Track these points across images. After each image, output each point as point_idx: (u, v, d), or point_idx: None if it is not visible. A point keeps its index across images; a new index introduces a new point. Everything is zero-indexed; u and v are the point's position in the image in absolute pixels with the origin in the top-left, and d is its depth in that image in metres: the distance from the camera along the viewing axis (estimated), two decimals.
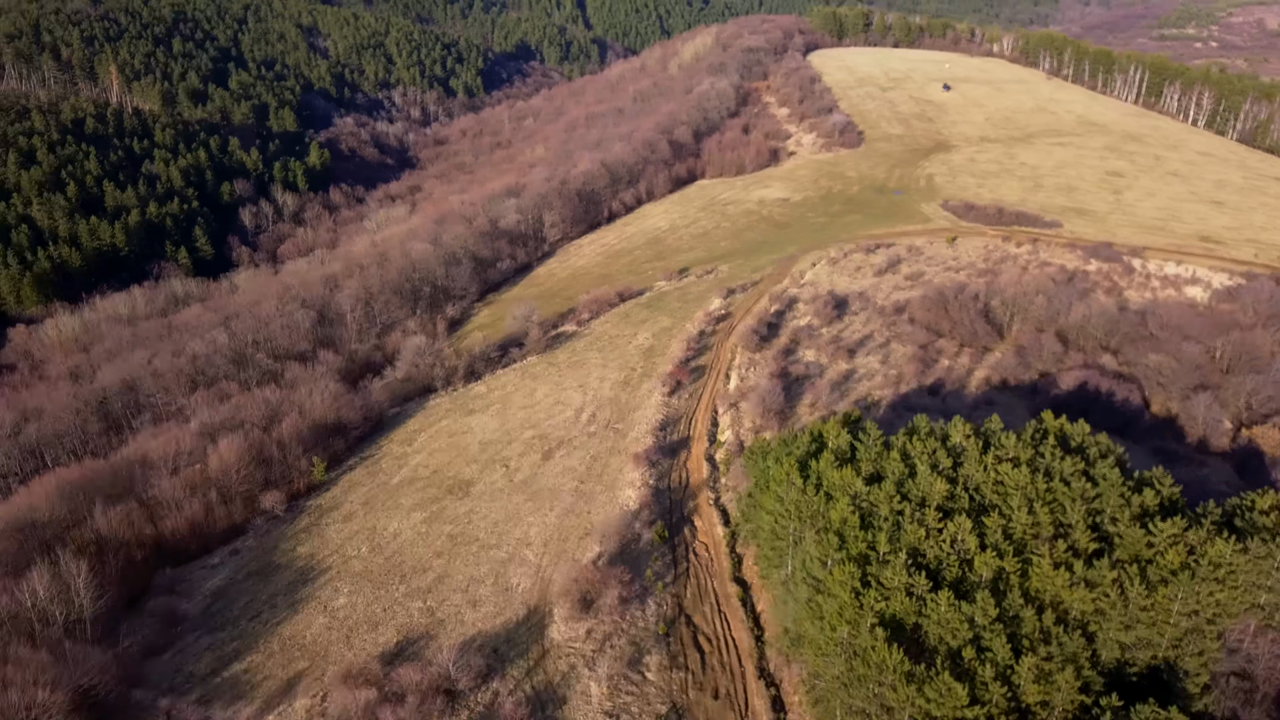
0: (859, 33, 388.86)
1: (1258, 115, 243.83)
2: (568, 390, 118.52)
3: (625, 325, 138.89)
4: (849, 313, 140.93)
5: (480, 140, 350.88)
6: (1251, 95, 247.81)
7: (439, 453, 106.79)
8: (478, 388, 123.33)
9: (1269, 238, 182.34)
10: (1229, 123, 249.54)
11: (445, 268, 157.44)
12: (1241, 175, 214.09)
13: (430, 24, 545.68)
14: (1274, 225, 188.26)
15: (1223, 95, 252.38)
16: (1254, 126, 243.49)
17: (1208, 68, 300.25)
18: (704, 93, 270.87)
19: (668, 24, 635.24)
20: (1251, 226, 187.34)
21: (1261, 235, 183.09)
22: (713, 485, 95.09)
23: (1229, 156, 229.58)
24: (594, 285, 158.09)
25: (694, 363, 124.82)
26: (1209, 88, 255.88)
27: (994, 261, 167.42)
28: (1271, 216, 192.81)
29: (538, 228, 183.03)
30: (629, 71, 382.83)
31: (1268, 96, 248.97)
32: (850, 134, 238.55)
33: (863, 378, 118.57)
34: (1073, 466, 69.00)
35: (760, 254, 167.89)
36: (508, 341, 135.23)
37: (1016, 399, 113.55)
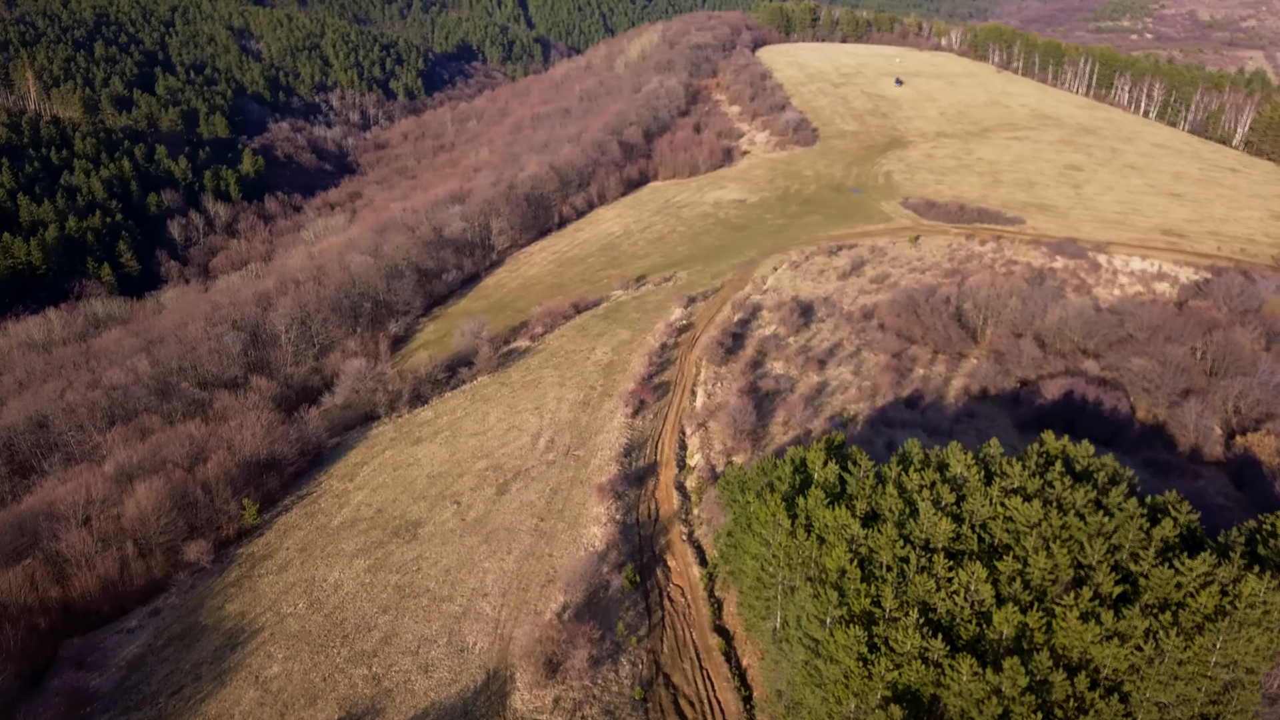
0: (807, 28, 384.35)
1: (1208, 106, 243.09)
2: (523, 413, 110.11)
3: (582, 339, 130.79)
4: (815, 320, 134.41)
5: (422, 143, 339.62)
6: (1202, 86, 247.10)
7: (383, 489, 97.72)
8: (424, 413, 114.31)
9: (1229, 230, 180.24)
10: (1180, 114, 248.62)
11: (387, 281, 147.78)
12: (1197, 167, 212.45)
13: (368, 24, 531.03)
14: (1233, 217, 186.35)
15: (1173, 86, 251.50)
16: (1205, 117, 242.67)
17: (1156, 59, 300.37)
18: (653, 91, 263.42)
19: (611, 22, 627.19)
20: (1211, 219, 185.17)
21: (1222, 227, 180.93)
22: (685, 518, 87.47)
23: (1183, 148, 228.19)
24: (547, 296, 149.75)
25: (657, 379, 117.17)
26: (1159, 79, 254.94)
27: (959, 261, 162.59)
28: (1230, 208, 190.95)
29: (485, 235, 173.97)
30: (574, 70, 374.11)
31: (1217, 87, 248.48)
32: (804, 131, 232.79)
33: (836, 390, 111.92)
34: (1085, 497, 62.60)
35: (719, 259, 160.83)
36: (456, 360, 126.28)
37: (998, 409, 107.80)
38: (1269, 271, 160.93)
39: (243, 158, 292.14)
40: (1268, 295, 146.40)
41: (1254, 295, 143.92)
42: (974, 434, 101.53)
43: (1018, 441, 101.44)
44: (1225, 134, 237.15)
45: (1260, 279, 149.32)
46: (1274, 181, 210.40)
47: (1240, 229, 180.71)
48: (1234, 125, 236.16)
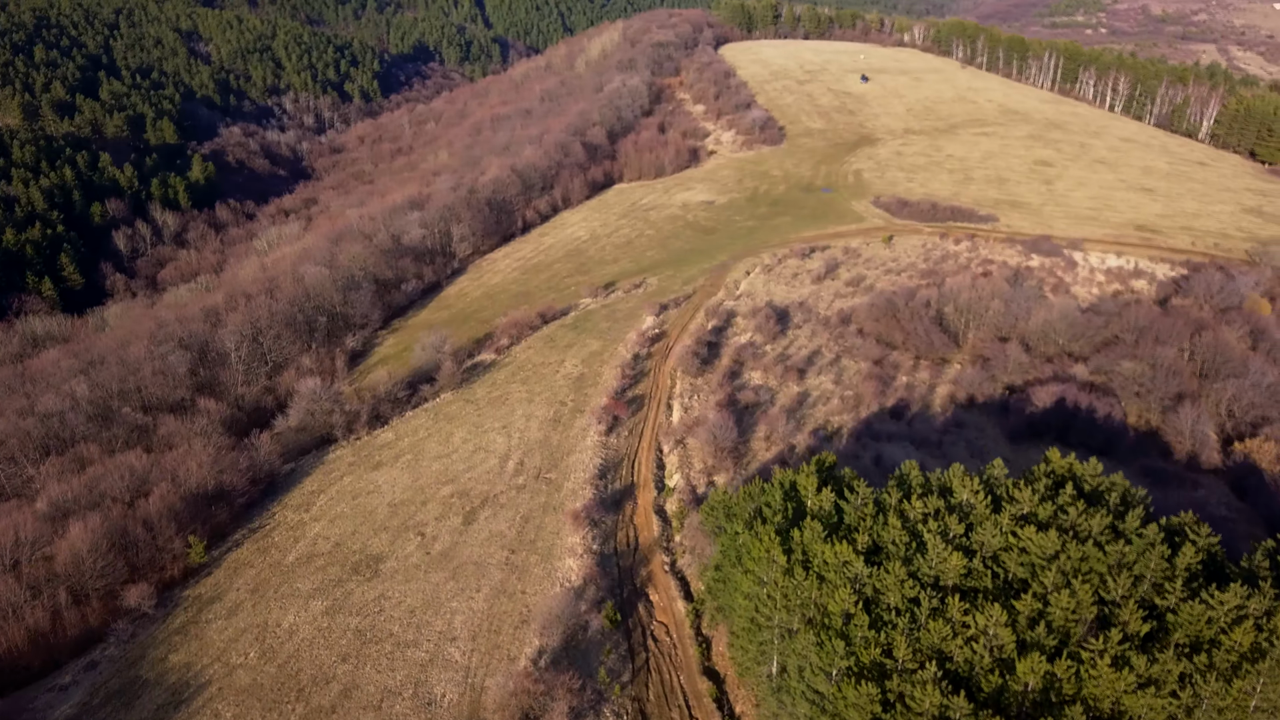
0: (768, 25, 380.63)
1: (1173, 99, 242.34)
2: (489, 433, 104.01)
3: (550, 351, 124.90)
4: (792, 326, 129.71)
5: (379, 147, 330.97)
6: (1166, 79, 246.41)
7: (342, 519, 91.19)
8: (385, 435, 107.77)
9: (1202, 224, 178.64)
10: (1146, 107, 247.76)
11: (343, 293, 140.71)
12: (1166, 161, 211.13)
13: (321, 26, 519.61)
14: (1205, 211, 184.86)
15: (1138, 80, 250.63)
16: (1170, 111, 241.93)
17: (1119, 53, 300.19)
18: (615, 90, 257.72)
19: (570, 21, 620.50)
20: (1183, 214, 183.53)
21: (1194, 222, 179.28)
22: (666, 545, 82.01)
23: (1150, 142, 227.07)
24: (512, 305, 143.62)
25: (630, 392, 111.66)
26: (1124, 73, 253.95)
27: (934, 261, 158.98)
28: (1201, 203, 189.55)
29: (445, 242, 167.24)
30: (534, 70, 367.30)
31: (1181, 80, 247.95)
32: (771, 130, 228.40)
33: (817, 401, 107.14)
34: (1101, 523, 58.07)
35: (690, 263, 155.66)
36: (417, 377, 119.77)
37: (987, 419, 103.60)
38: (1244, 267, 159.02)
39: (192, 164, 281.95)
40: (1246, 291, 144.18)
41: (1234, 292, 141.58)
42: (964, 446, 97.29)
43: (1010, 453, 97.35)
44: (1191, 127, 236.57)
45: (1238, 275, 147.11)
46: (1242, 175, 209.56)
47: (1213, 224, 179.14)
48: (1199, 118, 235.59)
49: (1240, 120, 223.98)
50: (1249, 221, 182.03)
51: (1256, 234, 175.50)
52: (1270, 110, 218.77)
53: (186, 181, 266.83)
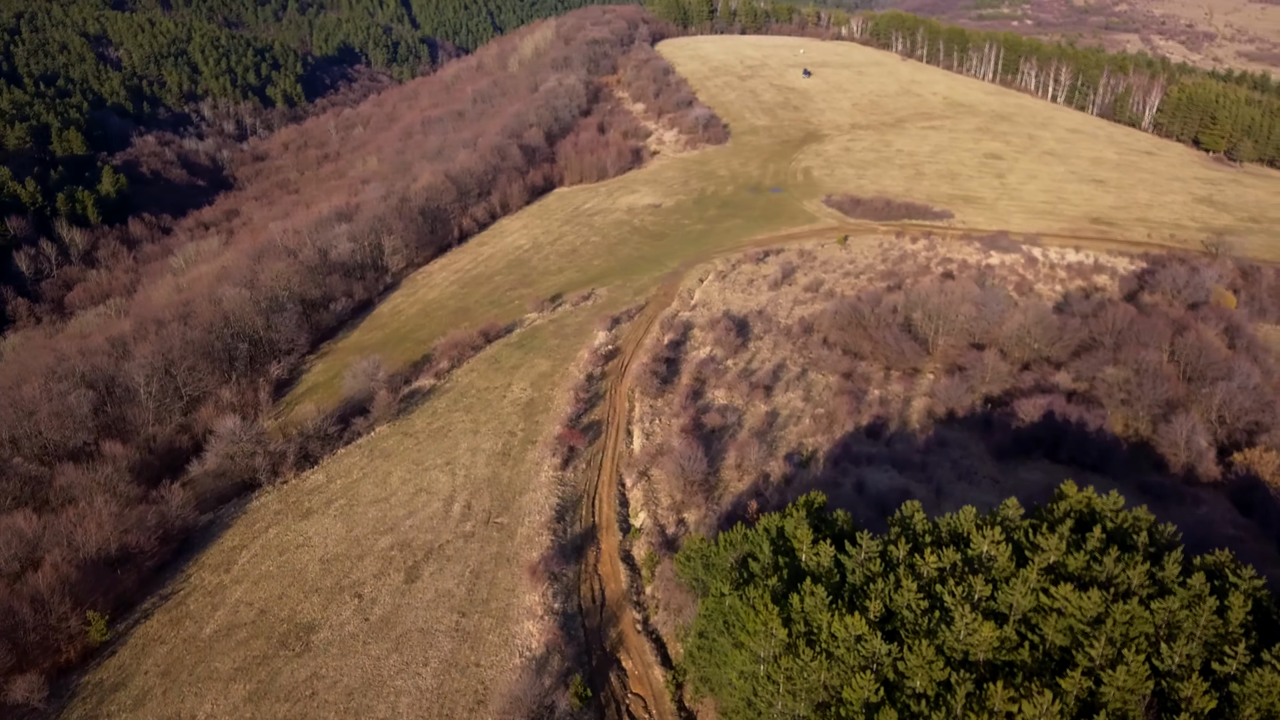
0: (704, 20, 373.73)
1: (1115, 89, 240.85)
2: (431, 471, 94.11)
3: (495, 374, 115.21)
4: (753, 337, 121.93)
5: (305, 154, 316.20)
6: (1107, 69, 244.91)
7: (267, 580, 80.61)
8: (315, 477, 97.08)
9: (1156, 215, 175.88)
10: (1088, 97, 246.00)
11: (266, 316, 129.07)
12: (1114, 151, 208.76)
13: (239, 28, 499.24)
14: (1158, 202, 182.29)
15: (1080, 70, 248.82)
16: (1113, 100, 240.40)
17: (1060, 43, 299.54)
18: (551, 90, 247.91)
19: (499, 20, 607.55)
20: (1137, 205, 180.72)
21: (1148, 214, 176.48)
22: (637, 599, 73.21)
23: (1097, 133, 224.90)
24: (451, 323, 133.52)
25: (586, 418, 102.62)
26: (1066, 63, 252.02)
27: (893, 261, 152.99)
28: (1153, 193, 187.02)
29: (376, 256, 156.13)
30: (465, 71, 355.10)
31: (1122, 69, 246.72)
32: (715, 128, 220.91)
33: (788, 421, 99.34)
34: (1140, 575, 50.82)
35: (640, 271, 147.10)
36: (348, 408, 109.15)
37: (970, 435, 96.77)
38: (1204, 259, 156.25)
39: (102, 176, 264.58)
40: (1211, 285, 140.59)
41: (1199, 286, 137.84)
42: (949, 466, 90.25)
43: (997, 472, 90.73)
44: (1134, 116, 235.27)
45: (1203, 267, 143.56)
46: (1189, 164, 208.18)
47: (1166, 214, 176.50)
48: (1142, 107, 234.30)
49: (1183, 109, 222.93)
50: (1201, 211, 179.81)
51: (1210, 224, 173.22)
52: (1212, 98, 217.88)
53: (96, 195, 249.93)
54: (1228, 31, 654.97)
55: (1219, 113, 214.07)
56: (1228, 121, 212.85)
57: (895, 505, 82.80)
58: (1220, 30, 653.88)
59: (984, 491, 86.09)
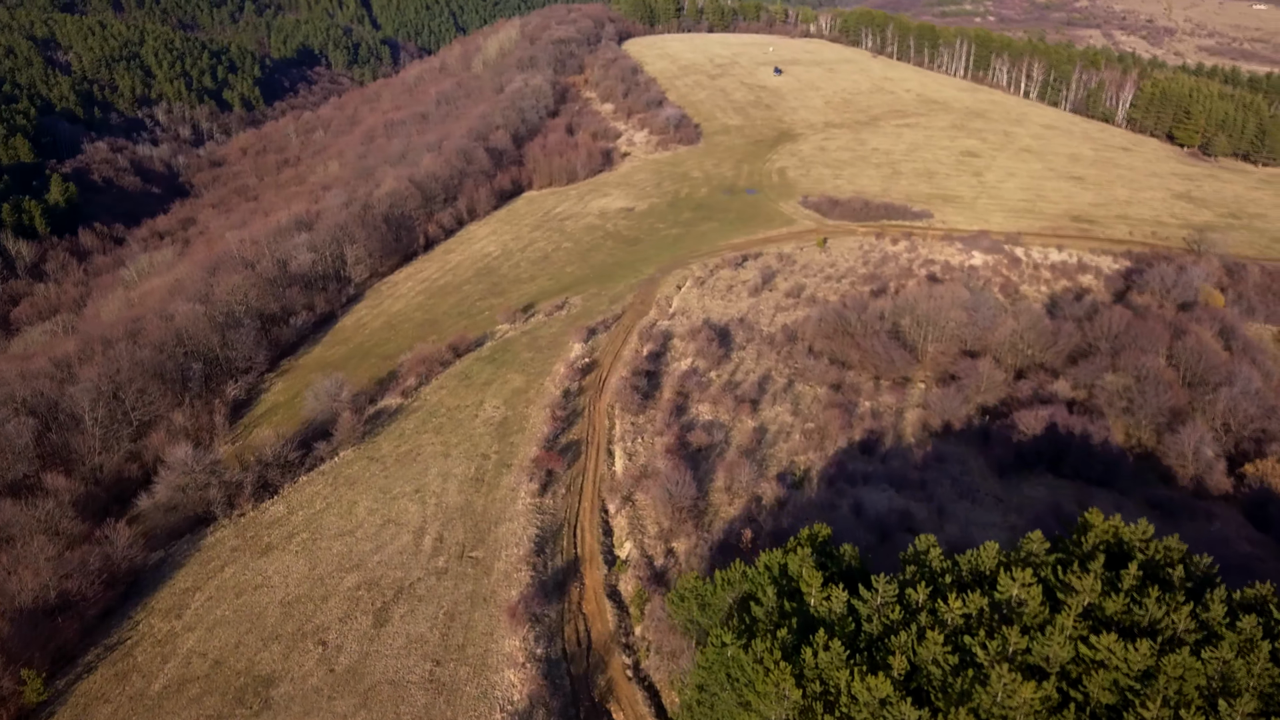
0: (671, 18, 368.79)
1: (1087, 84, 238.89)
2: (400, 500, 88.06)
3: (466, 391, 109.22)
4: (735, 347, 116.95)
5: (264, 159, 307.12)
6: (1079, 64, 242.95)
7: (223, 627, 74.25)
8: (274, 508, 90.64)
9: (1136, 212, 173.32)
10: (1061, 93, 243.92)
11: (221, 333, 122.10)
12: (1090, 148, 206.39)
13: (195, 30, 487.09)
14: (1137, 199, 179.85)
15: (1052, 65, 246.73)
16: (1086, 96, 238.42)
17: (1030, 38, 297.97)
18: (517, 91, 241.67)
19: (462, 20, 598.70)
20: (1116, 202, 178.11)
21: (1129, 211, 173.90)
22: (626, 641, 67.75)
23: (1071, 128, 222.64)
24: (418, 336, 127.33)
25: (564, 438, 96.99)
26: (1038, 58, 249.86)
27: (874, 264, 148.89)
28: (1132, 190, 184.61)
29: (339, 266, 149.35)
30: (428, 72, 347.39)
31: (1094, 64, 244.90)
32: (686, 128, 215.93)
33: (778, 438, 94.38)
34: (1185, 618, 46.18)
35: (615, 279, 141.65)
36: (310, 432, 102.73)
37: (968, 449, 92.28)
38: (1188, 256, 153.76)
39: (50, 185, 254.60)
40: (1199, 284, 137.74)
41: (1187, 285, 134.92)
42: (949, 484, 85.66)
43: (1000, 489, 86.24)
44: (1107, 112, 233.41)
45: (1190, 266, 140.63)
46: (1165, 159, 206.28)
47: (1146, 211, 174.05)
48: (1115, 103, 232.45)
49: (1157, 103, 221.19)
50: (1181, 207, 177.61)
51: (1190, 220, 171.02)
52: (1186, 93, 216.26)
53: (44, 205, 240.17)
54: (1187, 26, 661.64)
55: (1193, 107, 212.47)
56: (1202, 116, 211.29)
57: (896, 528, 78.29)
58: (1180, 25, 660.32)
59: (987, 510, 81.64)
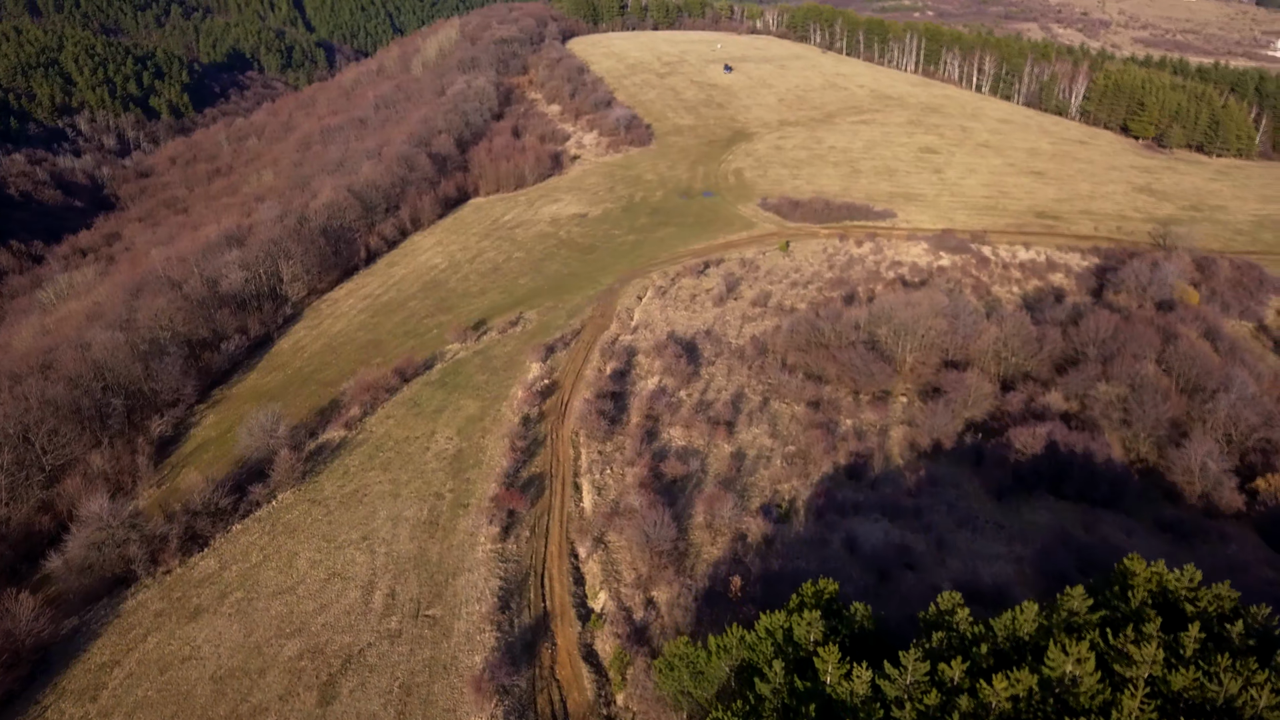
0: (615, 16, 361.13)
1: (1040, 77, 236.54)
2: (345, 550, 79.37)
3: (416, 420, 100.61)
4: (704, 362, 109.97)
5: (194, 169, 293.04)
6: (1031, 56, 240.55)
7: (145, 711, 65.03)
8: (205, 563, 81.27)
9: (1099, 207, 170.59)
10: (1014, 86, 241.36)
11: (145, 363, 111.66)
12: (1048, 142, 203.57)
13: (119, 35, 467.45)
14: (1099, 193, 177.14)
15: (1004, 58, 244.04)
16: (1039, 89, 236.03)
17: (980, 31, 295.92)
18: (460, 93, 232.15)
19: (399, 21, 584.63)
20: (1079, 196, 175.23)
21: (1092, 205, 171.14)
22: (607, 713, 60.01)
23: (1028, 122, 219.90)
24: (362, 359, 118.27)
25: (525, 471, 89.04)
26: (990, 52, 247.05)
27: (840, 268, 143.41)
28: (1093, 184, 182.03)
29: (274, 284, 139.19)
30: (365, 75, 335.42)
31: (1045, 57, 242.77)
32: (638, 129, 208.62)
33: (757, 464, 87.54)
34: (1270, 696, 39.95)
35: (571, 290, 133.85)
36: (244, 472, 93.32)
37: (961, 470, 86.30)
38: (1154, 250, 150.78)
39: None
40: (1173, 280, 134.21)
41: (1163, 282, 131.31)
42: (945, 510, 79.49)
43: (999, 513, 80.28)
44: (1060, 104, 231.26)
45: (1162, 262, 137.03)
46: (1122, 151, 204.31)
47: (1109, 205, 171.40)
48: (1068, 95, 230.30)
49: (1110, 95, 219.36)
50: (1143, 201, 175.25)
51: (1153, 213, 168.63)
52: (1138, 84, 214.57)
53: None
54: (1121, 19, 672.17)
55: (1147, 99, 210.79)
56: (1156, 107, 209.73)
57: (895, 564, 71.68)
58: (1114, 18, 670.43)
59: (989, 540, 75.56)
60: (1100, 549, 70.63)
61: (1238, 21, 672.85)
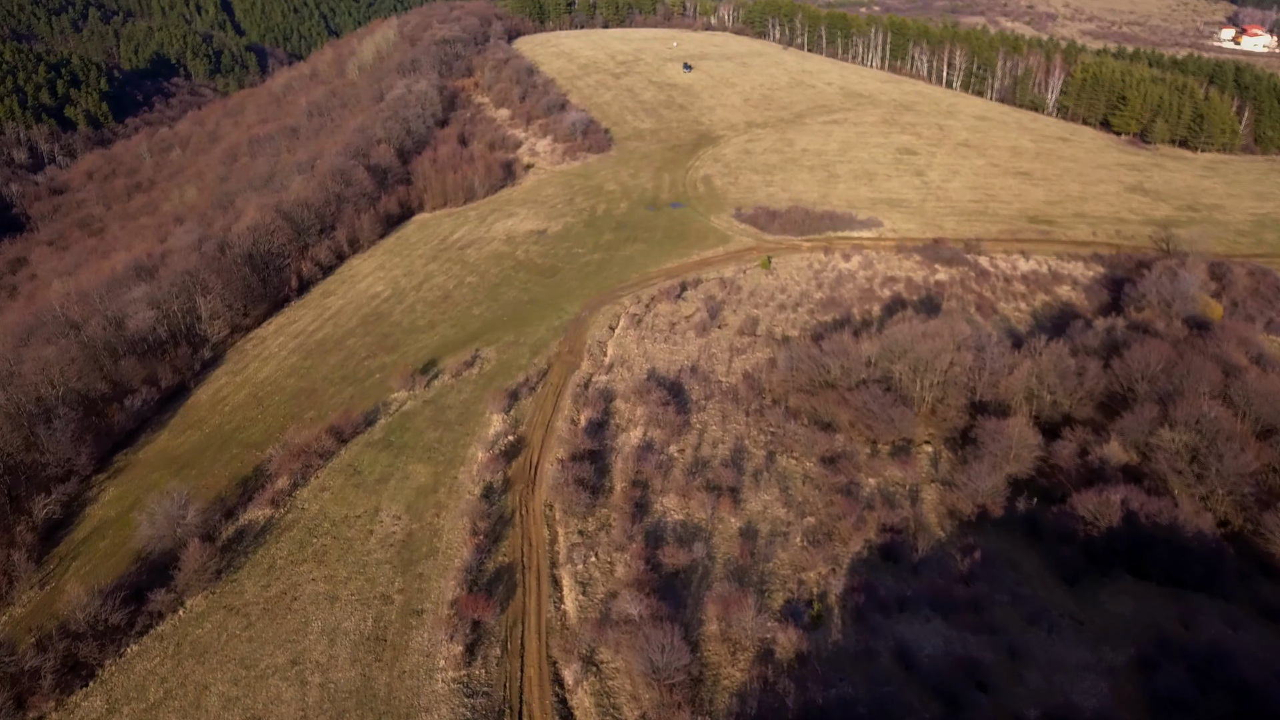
0: (563, 14, 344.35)
1: (1013, 71, 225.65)
2: (269, 679, 62.99)
3: (357, 492, 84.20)
4: (693, 407, 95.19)
5: (113, 184, 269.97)
6: (1002, 50, 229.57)
7: None
8: (89, 703, 64.19)
9: (1094, 209, 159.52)
10: (986, 81, 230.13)
11: (28, 429, 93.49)
12: (1029, 139, 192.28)
13: (31, 41, 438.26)
14: (1090, 194, 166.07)
15: (975, 52, 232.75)
16: (1013, 83, 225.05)
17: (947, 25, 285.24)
18: (400, 99, 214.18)
19: (334, 23, 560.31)
20: (1070, 198, 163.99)
21: (1085, 208, 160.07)
22: None
23: (1005, 119, 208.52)
24: (292, 413, 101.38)
25: (491, 562, 73.27)
26: (960, 46, 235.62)
27: (829, 286, 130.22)
28: (1083, 185, 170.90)
29: (190, 322, 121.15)
30: (297, 79, 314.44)
31: (1017, 50, 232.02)
32: (595, 134, 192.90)
33: (773, 543, 72.93)
34: None
35: (533, 321, 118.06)
36: (144, 571, 76.06)
37: (1016, 545, 72.35)
38: (1158, 256, 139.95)
39: None
40: (1194, 292, 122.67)
41: (1185, 295, 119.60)
42: (1009, 602, 65.42)
43: (1075, 606, 66.30)
44: (1036, 99, 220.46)
45: (1180, 272, 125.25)
46: (1106, 148, 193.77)
47: (1104, 207, 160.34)
48: (1044, 90, 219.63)
49: (1089, 89, 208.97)
50: (1137, 201, 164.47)
51: (1150, 215, 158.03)
52: (1118, 77, 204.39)
53: None
54: (1066, 11, 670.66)
55: (1129, 93, 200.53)
56: (1138, 101, 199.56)
57: (962, 684, 57.06)
58: (1060, 11, 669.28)
59: (1069, 643, 61.56)
60: (1209, 654, 57.14)
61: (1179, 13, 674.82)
